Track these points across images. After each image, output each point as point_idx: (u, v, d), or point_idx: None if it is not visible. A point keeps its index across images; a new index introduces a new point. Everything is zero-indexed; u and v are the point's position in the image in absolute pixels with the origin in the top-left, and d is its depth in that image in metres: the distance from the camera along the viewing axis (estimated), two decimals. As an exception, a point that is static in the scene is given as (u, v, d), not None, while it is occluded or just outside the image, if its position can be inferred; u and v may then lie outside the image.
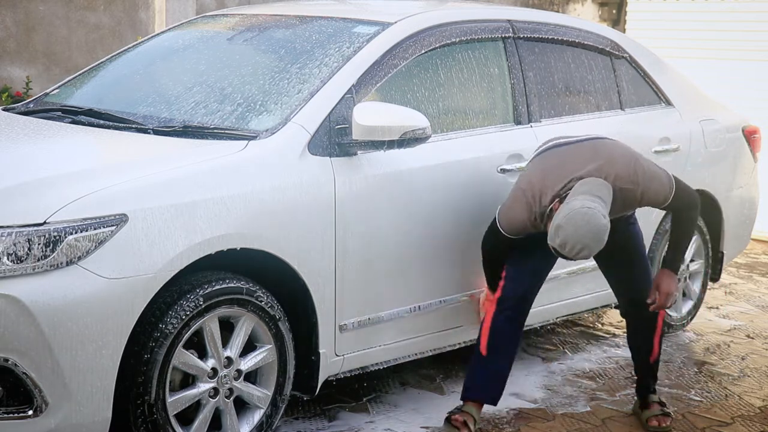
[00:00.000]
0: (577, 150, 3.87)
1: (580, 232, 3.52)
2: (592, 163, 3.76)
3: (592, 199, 3.59)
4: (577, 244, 3.55)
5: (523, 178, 3.91)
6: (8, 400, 3.11)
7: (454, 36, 4.37)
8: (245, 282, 3.51)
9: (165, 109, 4.01)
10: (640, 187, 3.79)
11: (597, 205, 3.56)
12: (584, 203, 3.56)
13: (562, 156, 3.86)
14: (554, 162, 3.85)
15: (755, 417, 4.35)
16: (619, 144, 3.95)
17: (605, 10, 9.82)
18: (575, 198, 3.61)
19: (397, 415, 4.15)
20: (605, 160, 3.78)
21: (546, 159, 3.91)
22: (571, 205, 3.57)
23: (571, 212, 3.55)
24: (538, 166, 3.90)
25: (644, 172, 3.80)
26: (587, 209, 3.53)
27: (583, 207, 3.54)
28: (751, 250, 7.67)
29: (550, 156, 3.91)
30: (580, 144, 3.92)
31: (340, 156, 3.78)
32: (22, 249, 3.03)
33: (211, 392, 3.48)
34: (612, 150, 3.86)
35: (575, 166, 3.77)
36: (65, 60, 8.12)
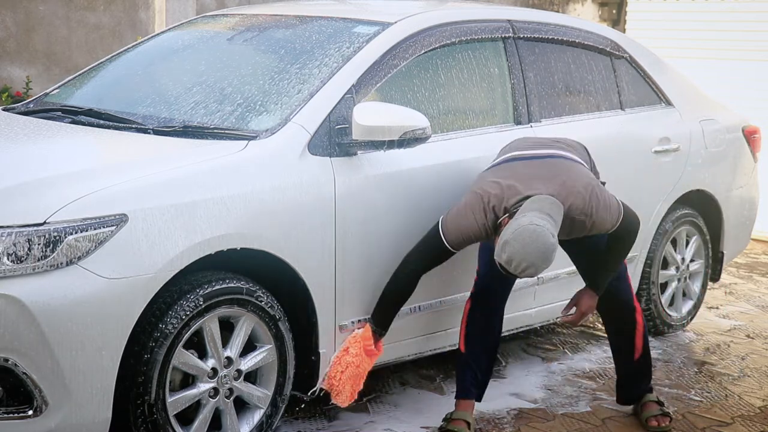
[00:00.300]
0: (535, 168, 3.77)
1: (527, 249, 3.42)
2: (550, 187, 3.66)
3: (542, 217, 3.49)
4: (523, 262, 3.45)
5: (478, 185, 3.77)
6: (8, 400, 3.11)
7: (454, 36, 4.37)
8: (245, 282, 3.51)
9: (165, 109, 4.01)
10: (592, 219, 3.71)
11: (546, 223, 3.47)
12: (533, 220, 3.46)
13: (521, 171, 3.76)
14: (512, 175, 3.73)
15: (755, 417, 4.35)
16: (576, 168, 3.81)
17: (605, 10, 9.82)
18: (524, 214, 3.51)
19: (397, 415, 4.15)
20: (563, 188, 3.67)
21: (505, 170, 3.80)
22: (520, 221, 3.48)
23: (519, 228, 3.45)
24: (496, 175, 3.78)
25: (597, 204, 3.70)
26: (535, 226, 3.44)
27: (532, 224, 3.45)
28: (751, 250, 7.67)
29: (510, 168, 3.81)
30: (539, 162, 3.80)
31: (340, 156, 3.78)
32: (22, 249, 3.03)
33: (211, 392, 3.48)
34: (570, 176, 3.73)
35: (532, 185, 3.67)
36: (65, 60, 8.12)
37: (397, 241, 3.94)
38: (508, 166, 3.83)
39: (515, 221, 3.50)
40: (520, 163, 3.82)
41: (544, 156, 3.85)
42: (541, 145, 3.96)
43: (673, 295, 5.42)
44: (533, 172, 3.74)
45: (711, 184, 5.42)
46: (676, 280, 5.42)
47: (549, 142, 4.00)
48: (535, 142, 4.01)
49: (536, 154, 3.86)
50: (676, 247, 5.37)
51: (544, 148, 3.92)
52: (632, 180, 4.97)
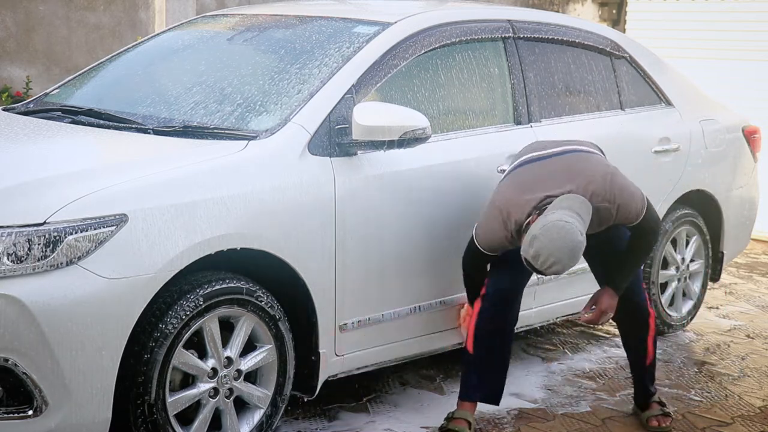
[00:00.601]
0: (552, 165, 3.79)
1: (554, 245, 3.45)
2: (569, 183, 3.68)
3: (571, 215, 3.51)
4: (550, 257, 3.47)
5: (498, 194, 3.83)
6: (8, 400, 3.11)
7: (454, 36, 4.37)
8: (245, 282, 3.51)
9: (165, 109, 4.01)
10: (616, 204, 3.72)
11: (575, 221, 3.49)
12: (562, 217, 3.49)
13: (537, 172, 3.79)
14: (529, 178, 3.77)
15: (755, 417, 4.35)
16: (594, 158, 3.86)
17: (605, 10, 9.82)
18: (554, 211, 3.54)
19: (397, 415, 4.15)
20: (582, 178, 3.70)
21: (520, 175, 3.83)
22: (549, 218, 3.51)
23: (547, 224, 3.48)
24: (512, 181, 3.82)
25: (620, 190, 3.73)
26: (564, 223, 3.46)
27: (561, 220, 3.47)
28: (751, 250, 7.67)
29: (525, 172, 3.83)
30: (556, 159, 3.83)
31: (340, 156, 3.78)
32: (22, 249, 3.03)
33: (211, 392, 3.48)
34: (588, 166, 3.77)
35: (552, 183, 3.70)
36: (65, 60, 8.12)
37: (398, 240, 3.94)
38: (525, 169, 3.85)
39: (544, 218, 3.53)
40: (536, 164, 3.84)
41: (559, 153, 3.87)
42: (555, 144, 3.98)
43: (673, 295, 5.42)
44: (550, 170, 3.77)
45: (711, 184, 5.42)
46: (676, 280, 5.41)
47: (563, 142, 4.02)
48: (549, 143, 4.01)
49: (551, 153, 3.88)
50: (676, 247, 5.37)
51: (558, 146, 3.94)
52: (632, 180, 4.96)
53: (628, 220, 3.80)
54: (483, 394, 3.98)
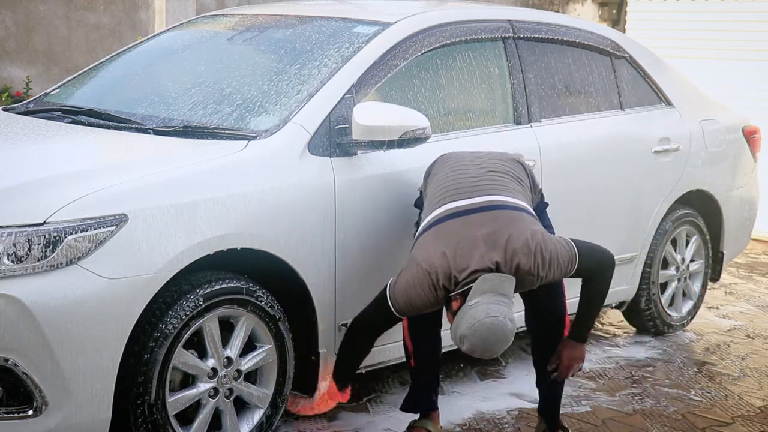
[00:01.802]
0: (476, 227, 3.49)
1: (487, 342, 3.31)
2: (495, 253, 3.42)
3: (496, 301, 3.33)
4: (486, 352, 3.36)
5: (422, 254, 3.51)
6: (8, 400, 3.11)
7: (454, 36, 4.37)
8: (245, 282, 3.51)
9: (165, 109, 4.01)
10: (540, 276, 3.49)
11: (502, 308, 3.32)
12: (488, 311, 3.30)
13: (462, 234, 3.48)
14: (455, 241, 3.46)
15: (755, 417, 4.35)
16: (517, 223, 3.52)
17: (605, 10, 9.82)
18: (477, 302, 3.33)
19: (397, 415, 4.14)
20: (508, 249, 3.42)
21: (447, 234, 3.51)
22: (475, 314, 3.31)
23: (475, 323, 3.30)
24: (436, 242, 3.50)
25: (543, 261, 3.47)
26: (492, 319, 3.29)
27: (488, 317, 3.29)
28: (751, 250, 7.67)
29: (451, 231, 3.51)
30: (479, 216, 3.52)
31: (340, 156, 3.78)
32: (22, 249, 3.03)
33: (211, 392, 3.47)
34: (513, 233, 3.46)
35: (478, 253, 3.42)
36: (65, 60, 8.11)
37: (397, 240, 3.94)
38: (448, 226, 3.53)
39: (469, 311, 3.33)
40: (459, 221, 3.53)
41: (482, 207, 3.55)
42: (476, 185, 3.65)
43: (673, 295, 5.42)
44: (475, 233, 3.46)
45: (711, 184, 5.42)
46: (676, 280, 5.42)
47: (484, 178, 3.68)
48: (471, 181, 3.67)
49: (473, 206, 3.56)
50: (676, 247, 5.37)
51: (480, 192, 3.61)
52: (632, 180, 4.97)
53: (556, 280, 3.60)
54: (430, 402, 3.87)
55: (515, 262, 3.43)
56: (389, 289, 3.56)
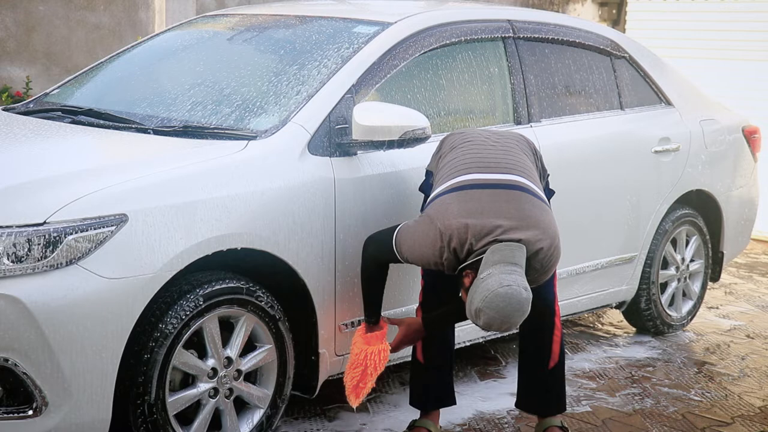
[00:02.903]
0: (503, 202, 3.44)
1: (503, 313, 3.21)
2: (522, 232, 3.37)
3: (509, 271, 3.25)
4: (504, 324, 3.25)
5: (438, 213, 3.44)
6: (8, 400, 3.11)
7: (454, 36, 4.37)
8: (245, 282, 3.51)
9: (165, 109, 4.01)
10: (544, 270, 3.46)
11: (515, 277, 3.24)
12: (501, 281, 3.22)
13: (488, 206, 3.42)
14: (479, 210, 3.40)
15: (755, 417, 4.35)
16: (546, 213, 3.50)
17: (605, 10, 9.82)
18: (489, 273, 3.25)
19: (397, 415, 4.15)
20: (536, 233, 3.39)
21: (470, 201, 3.44)
22: (488, 285, 3.22)
23: (489, 295, 3.21)
24: (461, 207, 3.43)
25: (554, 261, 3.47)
26: (507, 288, 3.20)
27: (502, 287, 3.20)
28: (751, 250, 7.67)
29: (475, 199, 3.45)
30: (506, 194, 3.47)
31: (340, 156, 3.78)
32: (22, 249, 3.03)
33: (211, 392, 3.47)
34: (541, 221, 3.44)
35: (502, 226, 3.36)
36: (65, 60, 8.11)
37: (397, 241, 3.94)
38: (472, 194, 3.47)
39: (482, 284, 3.25)
40: (484, 192, 3.47)
41: (508, 185, 3.51)
42: (497, 164, 3.60)
43: (673, 295, 5.42)
44: (501, 208, 3.42)
45: (711, 184, 5.43)
46: (676, 280, 5.42)
47: (503, 158, 3.64)
48: (490, 160, 3.62)
49: (499, 181, 3.52)
50: (676, 247, 5.37)
51: (502, 170, 3.57)
52: (632, 180, 4.97)
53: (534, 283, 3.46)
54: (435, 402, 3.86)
55: (537, 247, 3.38)
56: (397, 232, 3.53)
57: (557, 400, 3.87)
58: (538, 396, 3.86)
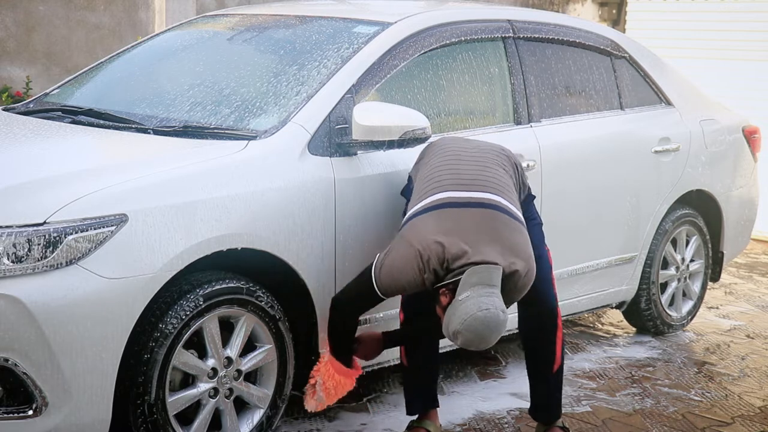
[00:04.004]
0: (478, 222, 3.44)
1: (482, 335, 3.26)
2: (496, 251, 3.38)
3: (487, 293, 3.27)
4: (481, 344, 3.30)
5: (415, 234, 3.44)
6: (8, 400, 3.11)
7: (454, 36, 4.37)
8: (245, 282, 3.51)
9: (165, 109, 4.01)
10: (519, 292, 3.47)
11: (493, 300, 3.26)
12: (480, 304, 3.24)
13: (464, 224, 3.43)
14: (455, 230, 3.41)
15: (755, 417, 4.35)
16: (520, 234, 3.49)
17: (605, 10, 9.82)
18: (468, 296, 3.27)
19: (397, 415, 4.14)
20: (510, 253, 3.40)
21: (445, 220, 3.44)
22: (467, 308, 3.24)
23: (467, 318, 3.23)
24: (437, 227, 3.42)
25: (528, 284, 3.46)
26: (485, 312, 3.23)
27: (480, 310, 3.23)
28: (751, 250, 7.67)
29: (450, 219, 3.45)
30: (481, 213, 3.46)
31: (340, 156, 3.78)
32: (22, 249, 3.03)
33: (211, 392, 3.47)
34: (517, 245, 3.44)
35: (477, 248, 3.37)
36: (65, 60, 8.11)
37: (397, 241, 3.94)
38: (449, 213, 3.46)
39: (461, 306, 3.26)
40: (459, 211, 3.47)
41: (484, 204, 3.49)
42: (473, 182, 3.58)
43: (673, 295, 5.42)
44: (476, 228, 3.42)
45: (711, 184, 5.42)
46: (676, 280, 5.42)
47: (479, 174, 3.61)
48: (466, 177, 3.60)
49: (475, 200, 3.50)
50: (676, 247, 5.37)
51: (477, 188, 3.55)
52: (632, 180, 4.97)
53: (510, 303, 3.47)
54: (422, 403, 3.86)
55: (513, 268, 3.38)
56: (375, 266, 3.48)
57: (558, 405, 3.88)
58: (551, 403, 3.86)
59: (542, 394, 3.86)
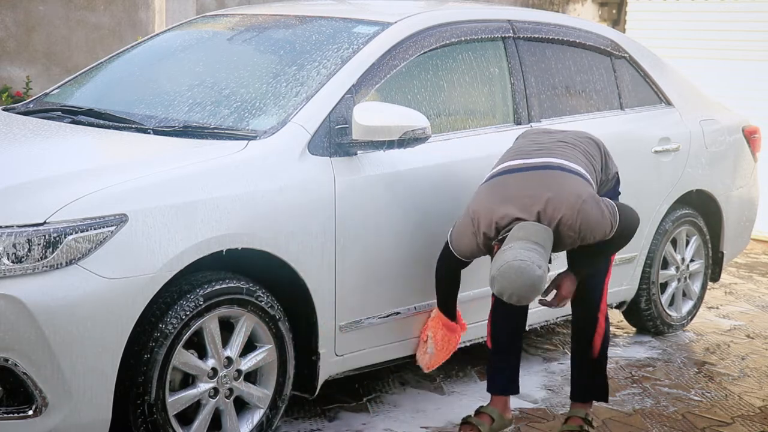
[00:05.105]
0: (529, 181, 3.69)
1: (514, 285, 3.47)
2: (538, 205, 3.60)
3: (527, 248, 3.48)
4: (513, 295, 3.51)
5: (474, 201, 3.77)
6: (8, 400, 3.11)
7: (454, 36, 4.37)
8: (245, 282, 3.51)
9: (165, 109, 4.01)
10: (580, 234, 3.64)
11: (531, 255, 3.47)
12: (517, 255, 3.46)
13: (513, 185, 3.69)
14: (504, 191, 3.69)
15: (755, 417, 4.36)
16: (570, 182, 3.69)
17: (605, 10, 9.82)
18: (511, 246, 3.50)
19: (397, 415, 4.15)
20: (552, 204, 3.60)
21: (497, 185, 3.74)
22: (505, 257, 3.48)
23: (504, 265, 3.47)
24: (489, 191, 3.75)
25: (586, 222, 3.62)
26: (520, 262, 3.45)
27: (516, 260, 3.45)
28: (751, 250, 7.67)
29: (502, 182, 3.73)
30: (534, 174, 3.72)
31: (340, 156, 3.78)
32: (22, 249, 3.03)
33: (211, 392, 3.47)
34: (561, 192, 3.63)
35: (522, 204, 3.62)
36: (65, 60, 8.11)
37: (397, 240, 3.94)
38: (501, 181, 3.75)
39: (501, 255, 3.51)
40: (512, 177, 3.74)
41: (539, 166, 3.74)
42: (541, 149, 3.85)
43: (673, 295, 5.42)
44: (523, 187, 3.67)
45: (711, 184, 5.42)
46: (676, 280, 5.42)
47: (551, 145, 3.89)
48: (536, 146, 3.90)
49: (531, 164, 3.76)
50: (676, 247, 5.37)
51: (542, 154, 3.81)
52: (632, 180, 4.96)
53: (595, 241, 3.71)
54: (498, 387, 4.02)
55: (558, 216, 3.60)
56: (449, 234, 3.83)
57: (594, 387, 4.07)
58: (584, 385, 4.08)
59: (577, 376, 4.09)
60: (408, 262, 4.01)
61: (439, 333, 4.08)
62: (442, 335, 4.08)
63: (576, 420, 4.03)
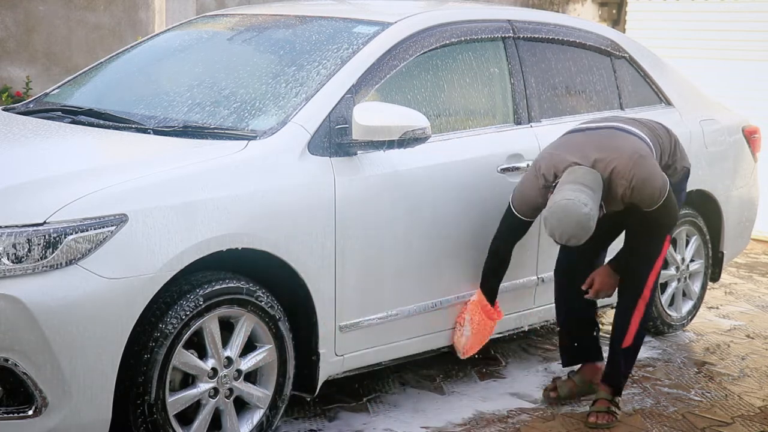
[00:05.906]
0: (593, 136, 4.01)
1: (562, 223, 3.71)
2: (598, 153, 3.87)
3: (576, 188, 3.75)
4: (564, 234, 3.74)
5: (537, 157, 4.08)
6: (8, 400, 3.11)
7: (454, 36, 4.37)
8: (245, 282, 3.51)
9: (165, 109, 4.01)
10: (631, 185, 3.85)
11: (579, 195, 3.72)
12: (565, 194, 3.73)
13: (578, 139, 4.02)
14: (567, 143, 4.02)
15: (755, 417, 4.36)
16: (631, 138, 3.99)
17: (605, 10, 9.82)
18: (560, 189, 3.78)
19: (397, 415, 4.15)
20: (610, 153, 3.87)
21: (563, 139, 4.08)
22: (555, 197, 3.77)
23: (553, 205, 3.75)
24: (555, 143, 4.08)
25: (641, 173, 3.85)
26: (567, 201, 3.70)
27: (563, 199, 3.72)
28: (751, 250, 7.67)
29: (568, 138, 4.08)
30: (599, 132, 4.04)
31: (340, 156, 3.78)
32: (22, 249, 3.03)
33: (211, 392, 3.48)
34: (621, 144, 3.93)
35: (582, 152, 3.89)
36: (65, 60, 8.11)
37: (397, 240, 3.94)
38: (567, 137, 4.09)
39: (553, 196, 3.79)
40: (578, 134, 4.08)
41: (603, 127, 4.08)
42: (606, 119, 4.22)
43: (673, 295, 5.42)
44: (586, 141, 3.98)
45: (711, 184, 5.42)
46: (676, 280, 5.41)
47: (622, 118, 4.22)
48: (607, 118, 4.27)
49: (596, 127, 4.10)
50: (676, 247, 5.37)
51: (607, 121, 4.17)
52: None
53: (643, 203, 3.92)
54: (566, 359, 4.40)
55: (612, 164, 3.83)
56: (511, 195, 4.06)
57: (619, 377, 4.22)
58: (611, 371, 4.23)
59: (610, 362, 4.25)
60: (408, 261, 4.01)
61: (476, 316, 4.20)
62: (479, 319, 4.20)
63: (603, 402, 4.17)
